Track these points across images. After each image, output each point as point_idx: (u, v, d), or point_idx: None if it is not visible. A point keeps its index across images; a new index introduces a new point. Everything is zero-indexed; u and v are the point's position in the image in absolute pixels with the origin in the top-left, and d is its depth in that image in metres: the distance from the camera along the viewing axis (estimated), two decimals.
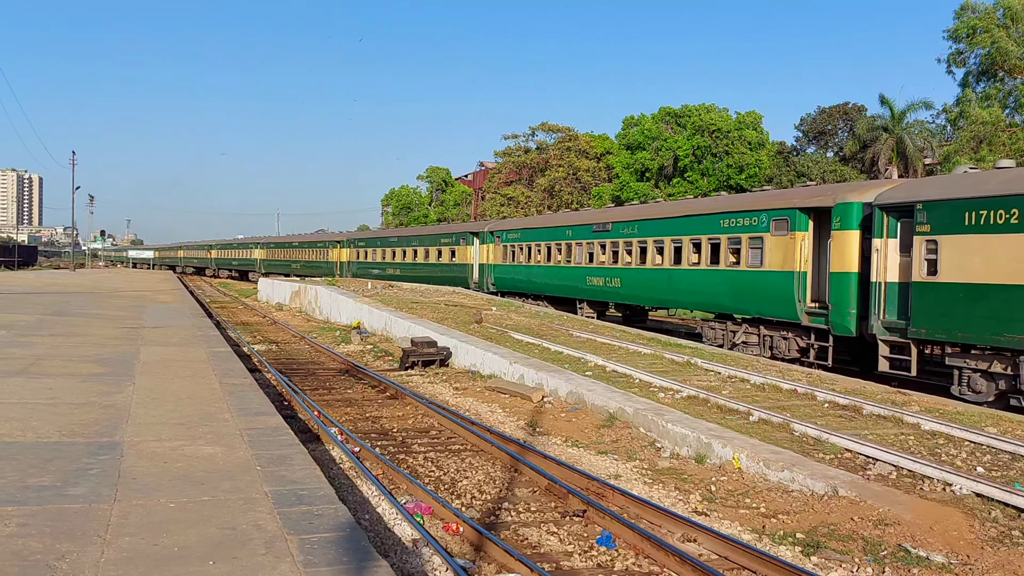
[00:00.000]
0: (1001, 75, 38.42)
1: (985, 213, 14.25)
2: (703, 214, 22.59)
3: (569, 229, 29.94)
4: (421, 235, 45.89)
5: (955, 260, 14.68)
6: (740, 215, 20.80)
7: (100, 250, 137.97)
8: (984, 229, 14.23)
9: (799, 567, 7.16)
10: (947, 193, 15.23)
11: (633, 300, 26.22)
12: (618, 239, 26.28)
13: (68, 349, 15.76)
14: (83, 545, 5.51)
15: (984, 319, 14.12)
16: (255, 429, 9.28)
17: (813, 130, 57.66)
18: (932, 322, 14.97)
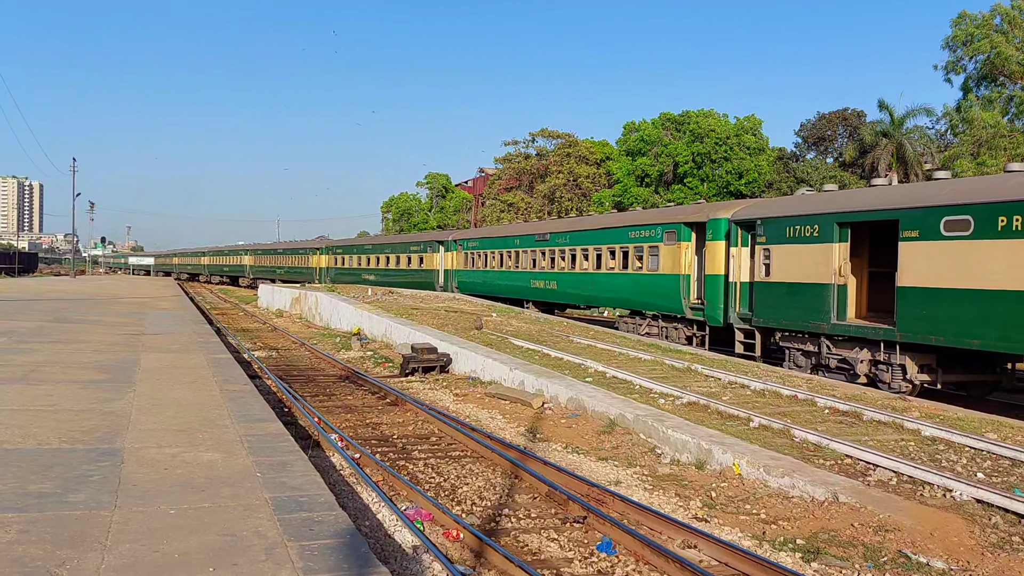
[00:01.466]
0: (1001, 80, 38.50)
1: (799, 228, 18.32)
2: (617, 227, 27.02)
3: (517, 239, 34.13)
4: (393, 243, 49.52)
5: (781, 264, 18.73)
6: (643, 228, 25.11)
7: (100, 257, 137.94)
8: (798, 240, 18.30)
9: (799, 573, 7.16)
10: (776, 212, 19.40)
11: (567, 299, 30.49)
12: (555, 247, 30.54)
13: (68, 356, 15.77)
14: (83, 552, 5.51)
15: (799, 310, 18.17)
16: (255, 435, 9.29)
17: (813, 136, 57.73)
18: (768, 313, 19.17)
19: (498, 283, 35.43)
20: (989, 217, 14.01)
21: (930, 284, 15.14)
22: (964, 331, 14.54)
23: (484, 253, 37.32)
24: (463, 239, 40.24)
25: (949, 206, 14.95)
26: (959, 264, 14.59)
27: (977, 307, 14.24)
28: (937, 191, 15.75)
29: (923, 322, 15.20)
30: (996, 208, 13.91)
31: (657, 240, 24.08)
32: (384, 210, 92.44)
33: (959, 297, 14.59)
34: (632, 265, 25.35)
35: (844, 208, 17.63)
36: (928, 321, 15.09)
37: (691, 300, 22.47)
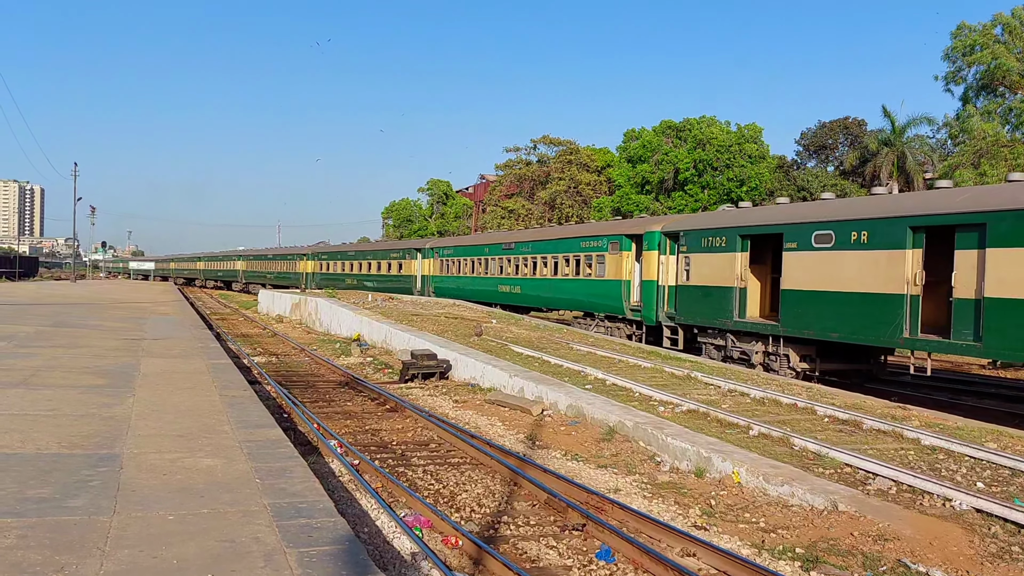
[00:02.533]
0: (1002, 91, 38.56)
1: (711, 239, 21.43)
2: (571, 237, 29.96)
3: (487, 247, 36.95)
4: (375, 250, 52.31)
5: (698, 270, 21.88)
6: (592, 239, 27.93)
7: (101, 261, 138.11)
8: (711, 250, 21.40)
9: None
10: (695, 225, 23.00)
11: (529, 303, 32.91)
12: (519, 255, 33.38)
13: (68, 360, 15.77)
14: (82, 557, 5.51)
15: (711, 309, 21.22)
16: (255, 441, 9.28)
17: (814, 144, 57.85)
18: (687, 312, 22.33)
19: (469, 288, 37.96)
20: (845, 232, 17.18)
21: (804, 287, 18.22)
22: (828, 326, 17.61)
23: (457, 260, 39.93)
24: (438, 247, 42.83)
25: (818, 222, 18.09)
26: (824, 271, 17.66)
27: (835, 306, 17.36)
28: (809, 210, 19.39)
29: (800, 319, 18.27)
30: (850, 224, 17.16)
31: (603, 250, 26.97)
32: (385, 216, 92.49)
33: (824, 298, 17.70)
34: (583, 272, 28.17)
35: (745, 223, 20.82)
36: (803, 318, 18.16)
37: (632, 303, 25.31)
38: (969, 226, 14.82)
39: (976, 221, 14.68)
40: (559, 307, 32.07)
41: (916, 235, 15.90)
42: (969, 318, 14.66)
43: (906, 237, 15.94)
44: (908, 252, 15.91)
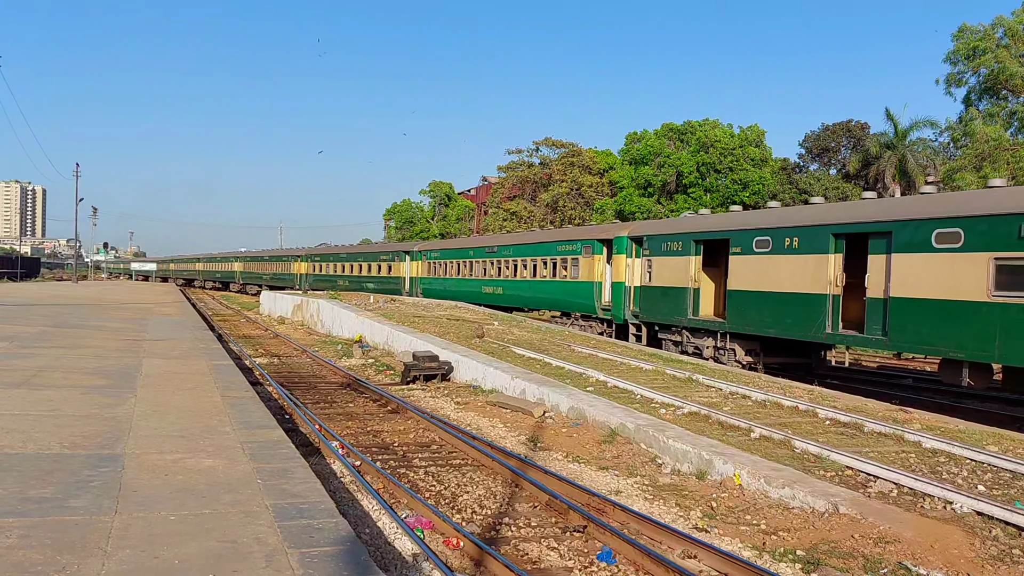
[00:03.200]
0: (1004, 94, 38.55)
1: (670, 244, 23.48)
2: (548, 241, 32.04)
3: (471, 251, 39.11)
4: (366, 252, 54.60)
5: (658, 272, 23.94)
6: (567, 243, 29.99)
7: (103, 262, 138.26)
8: (670, 253, 23.43)
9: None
10: (656, 230, 24.89)
11: (511, 303, 34.43)
12: (501, 259, 35.43)
13: (70, 361, 15.79)
14: (84, 557, 5.52)
15: (669, 308, 23.27)
16: (256, 442, 9.30)
17: (817, 147, 57.82)
18: (649, 310, 24.37)
19: (455, 289, 39.85)
20: (780, 238, 19.21)
21: (747, 288, 20.17)
22: (766, 324, 19.56)
23: (444, 263, 42.02)
24: (426, 250, 44.96)
25: (758, 229, 20.12)
26: (763, 273, 19.61)
27: (772, 305, 19.30)
28: (752, 218, 21.52)
29: (743, 317, 20.26)
30: (783, 231, 19.22)
31: (577, 253, 28.96)
32: (387, 217, 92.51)
33: (763, 298, 19.63)
34: (560, 274, 30.23)
35: (699, 229, 22.85)
36: (746, 316, 20.14)
37: (603, 303, 27.34)
38: (879, 234, 16.69)
39: (884, 229, 16.53)
40: (538, 307, 33.44)
41: (837, 241, 17.84)
42: (879, 316, 16.56)
43: (829, 243, 17.90)
44: (831, 256, 17.87)
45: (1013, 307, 13.94)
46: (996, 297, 14.25)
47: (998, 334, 14.19)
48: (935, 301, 15.37)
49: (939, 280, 15.33)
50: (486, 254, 36.93)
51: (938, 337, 15.36)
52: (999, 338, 14.17)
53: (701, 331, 22.03)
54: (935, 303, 15.37)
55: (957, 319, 14.94)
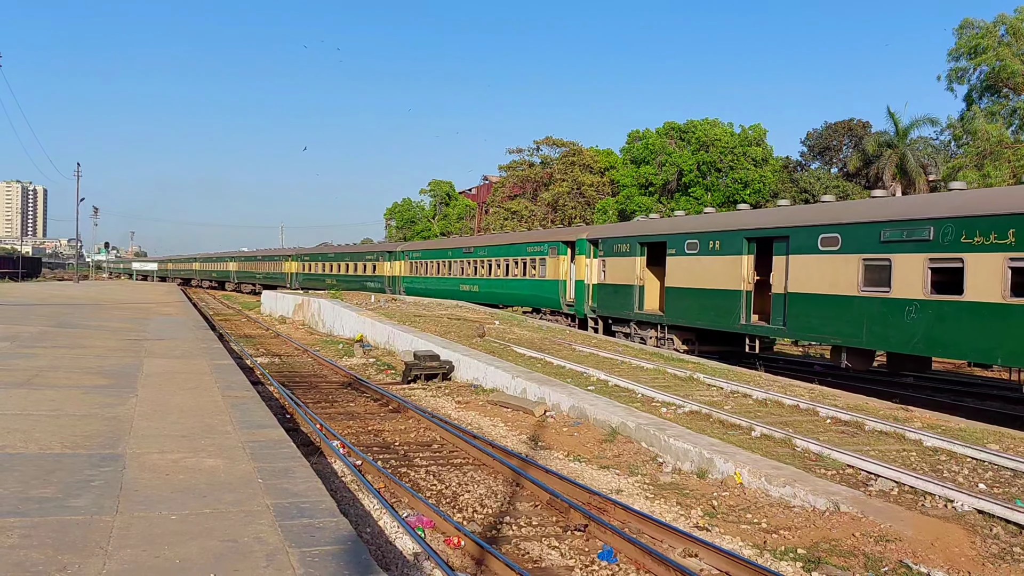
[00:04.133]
0: (1005, 92, 38.48)
1: (620, 246, 26.33)
2: (519, 243, 34.67)
3: (450, 251, 41.76)
4: (352, 252, 57.17)
5: (611, 271, 26.70)
6: (536, 244, 32.73)
7: (104, 262, 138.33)
8: (620, 254, 26.25)
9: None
10: (609, 234, 27.91)
11: (486, 300, 36.50)
12: (477, 259, 37.97)
13: (71, 361, 15.81)
14: (85, 557, 5.53)
15: (619, 303, 26.10)
16: (257, 442, 9.30)
17: (819, 145, 57.81)
18: (604, 306, 27.17)
19: (435, 287, 42.25)
20: (705, 241, 22.02)
21: (681, 285, 22.83)
22: (696, 316, 22.29)
23: (425, 262, 44.49)
24: (408, 250, 47.73)
25: (688, 233, 22.87)
26: (693, 271, 22.31)
27: (700, 300, 21.98)
28: (685, 223, 24.40)
29: (679, 311, 22.98)
30: (708, 235, 21.96)
31: (545, 254, 31.55)
32: (387, 217, 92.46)
33: (693, 294, 22.28)
34: (529, 273, 32.87)
35: (642, 232, 25.83)
36: (681, 310, 22.89)
37: (567, 299, 29.95)
38: (780, 237, 19.34)
39: (783, 234, 19.24)
40: (511, 303, 35.57)
41: (749, 244, 20.49)
42: (781, 308, 19.21)
43: (743, 246, 20.58)
44: (744, 257, 20.55)
45: (876, 300, 16.56)
46: (863, 292, 16.88)
47: (865, 323, 16.84)
48: (821, 295, 18.06)
49: (823, 277, 17.95)
50: (463, 254, 39.59)
51: (824, 326, 18.11)
52: (866, 326, 16.84)
53: (646, 323, 24.91)
54: (821, 297, 18.06)
55: (837, 311, 17.57)
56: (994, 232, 14.34)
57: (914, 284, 15.77)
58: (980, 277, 14.51)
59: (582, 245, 28.81)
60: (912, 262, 15.85)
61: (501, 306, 36.54)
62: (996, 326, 14.26)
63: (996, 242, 14.32)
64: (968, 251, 14.76)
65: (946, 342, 15.39)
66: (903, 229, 16.23)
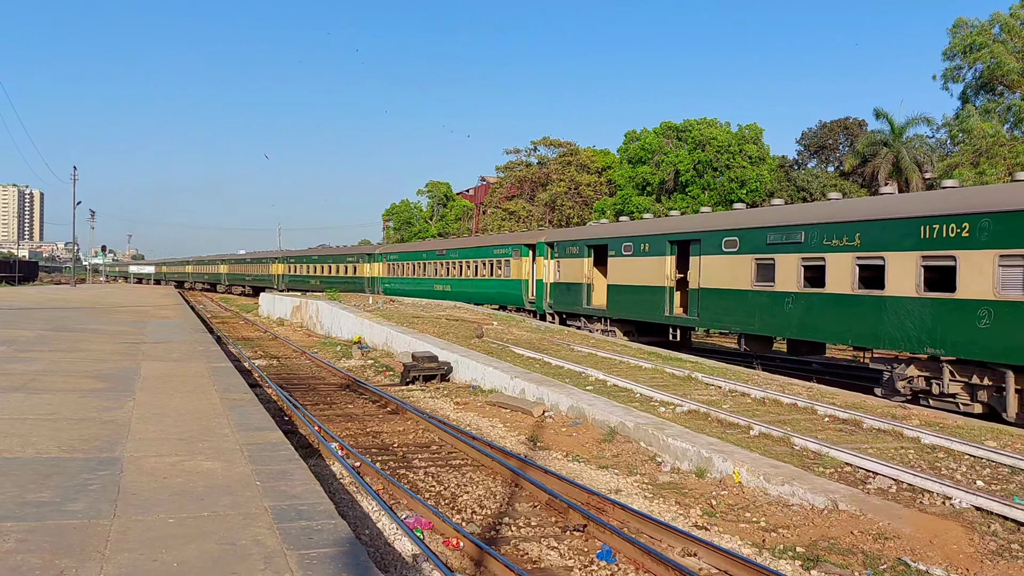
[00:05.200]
0: (1000, 90, 38.51)
1: (571, 248, 29.65)
2: (487, 245, 37.97)
3: (424, 254, 44.94)
4: (334, 255, 59.74)
5: (564, 271, 29.92)
6: (501, 247, 35.74)
7: (101, 265, 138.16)
8: (571, 256, 29.45)
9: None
10: (562, 237, 31.26)
11: (457, 298, 38.84)
12: (449, 260, 40.93)
13: (68, 364, 15.78)
14: (82, 561, 5.52)
15: (571, 299, 29.37)
16: (255, 444, 9.29)
17: (814, 144, 57.84)
18: (560, 302, 30.35)
19: (411, 287, 45.15)
20: (638, 244, 25.35)
21: (620, 283, 26.08)
22: (632, 310, 25.55)
23: (402, 264, 47.66)
24: (386, 252, 51.13)
25: (625, 236, 26.29)
26: (630, 270, 25.59)
27: (635, 295, 25.21)
28: (623, 228, 27.62)
29: (619, 306, 26.22)
30: (640, 238, 25.35)
31: (509, 256, 34.53)
32: (385, 218, 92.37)
33: (630, 290, 25.53)
34: (496, 273, 35.82)
35: (588, 236, 29.35)
36: (621, 305, 26.13)
37: (529, 296, 32.98)
38: (695, 240, 22.58)
39: (696, 237, 22.55)
40: (479, 301, 37.40)
41: (672, 246, 23.84)
42: (695, 302, 22.27)
43: (667, 248, 23.91)
44: (667, 258, 23.88)
45: (764, 293, 19.61)
46: (755, 286, 19.90)
47: (757, 312, 19.89)
48: (725, 290, 21.04)
49: (727, 275, 20.95)
50: (436, 256, 42.79)
51: (727, 316, 21.28)
52: (758, 315, 19.87)
53: (594, 317, 27.79)
54: (725, 291, 21.04)
55: (737, 303, 20.62)
56: (846, 236, 17.31)
57: (791, 279, 18.78)
58: (837, 273, 17.39)
59: (541, 248, 31.80)
60: (789, 261, 18.85)
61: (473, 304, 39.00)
62: (848, 313, 17.17)
63: (847, 244, 17.30)
64: (829, 251, 17.72)
65: (814, 327, 18.38)
66: (783, 233, 19.21)
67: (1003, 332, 13.86)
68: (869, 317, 16.58)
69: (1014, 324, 13.70)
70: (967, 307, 14.51)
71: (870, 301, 16.56)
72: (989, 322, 14.15)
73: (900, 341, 15.83)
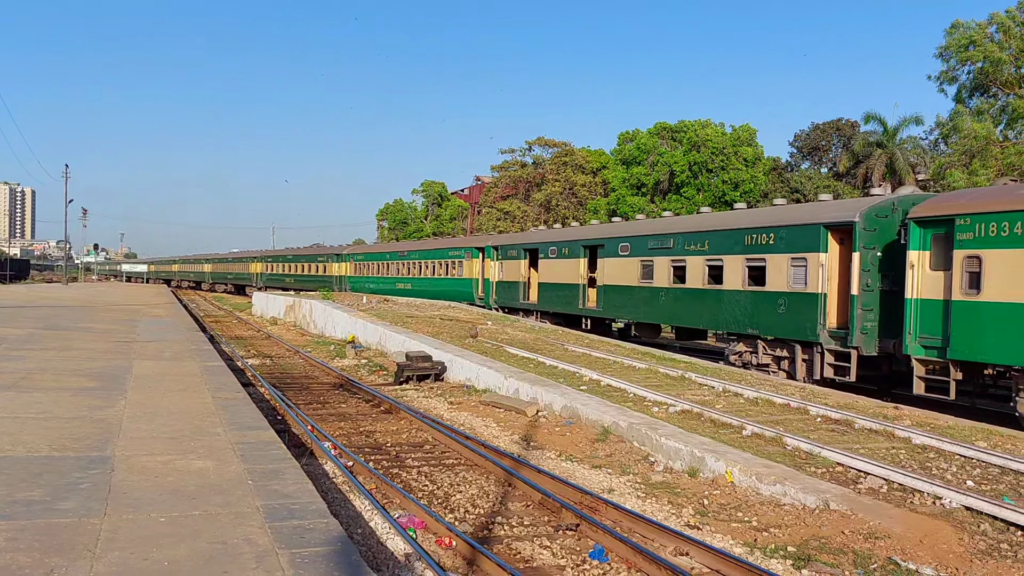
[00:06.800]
0: (994, 90, 38.64)
1: (510, 251, 34.32)
2: (443, 248, 42.78)
3: (388, 254, 49.83)
4: (307, 255, 63.85)
5: (506, 271, 34.66)
6: (456, 249, 40.32)
7: (93, 264, 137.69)
8: (511, 258, 34.31)
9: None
10: (504, 242, 35.88)
11: (417, 295, 42.13)
12: (410, 260, 45.59)
13: (60, 363, 15.73)
14: (72, 560, 5.50)
15: (511, 295, 34.02)
16: (247, 443, 9.27)
17: (807, 146, 57.94)
18: (503, 298, 34.91)
19: (376, 286, 48.94)
20: (560, 248, 30.36)
21: (548, 281, 31.20)
22: (556, 304, 30.51)
23: (367, 263, 52.09)
24: (354, 253, 55.69)
25: (550, 241, 31.41)
26: (554, 270, 30.68)
27: (558, 291, 30.27)
28: (550, 235, 33.01)
29: (546, 300, 31.21)
30: (562, 243, 30.41)
31: (462, 257, 39.03)
32: (379, 218, 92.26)
33: (554, 287, 30.56)
34: (451, 272, 40.29)
35: (524, 241, 34.18)
36: (548, 300, 31.06)
37: (479, 293, 37.02)
38: (600, 245, 27.55)
39: (602, 243, 27.50)
40: (437, 298, 40.32)
41: (585, 250, 28.76)
42: (602, 296, 27.07)
43: (581, 251, 28.87)
44: (581, 260, 28.78)
45: (647, 288, 24.32)
46: (641, 283, 24.68)
47: (642, 304, 24.69)
48: (622, 286, 25.87)
49: (622, 273, 25.80)
50: (399, 257, 47.39)
51: (623, 308, 26.11)
52: (643, 307, 24.70)
53: (529, 311, 32.58)
54: (622, 287, 25.87)
55: (629, 297, 25.40)
56: (699, 243, 22.17)
57: (664, 277, 23.59)
58: (694, 272, 22.23)
59: (489, 251, 36.34)
60: (663, 262, 23.66)
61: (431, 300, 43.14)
62: (701, 303, 21.86)
63: (700, 249, 22.05)
64: (689, 255, 22.51)
65: (680, 315, 23.24)
66: (659, 241, 24.10)
67: (792, 316, 18.49)
68: (714, 306, 21.13)
69: (799, 309, 18.29)
70: (772, 297, 19.13)
71: (714, 294, 21.21)
72: (784, 308, 18.73)
73: (733, 324, 20.48)
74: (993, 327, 13.73)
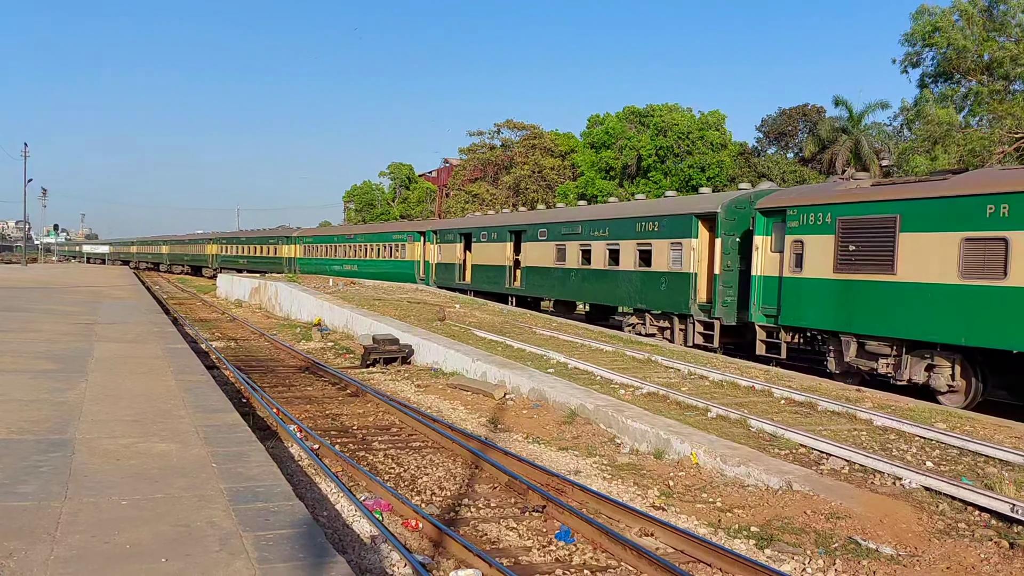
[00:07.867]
0: (957, 77, 39.18)
1: (448, 235, 36.84)
2: (386, 231, 45.40)
3: (335, 237, 52.13)
4: (259, 237, 66.15)
5: (444, 254, 37.32)
6: (399, 233, 42.69)
7: (54, 245, 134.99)
8: (448, 241, 36.81)
9: (752, 560, 7.27)
10: (441, 226, 38.71)
11: (362, 276, 43.58)
12: (356, 243, 47.71)
13: (19, 345, 15.41)
14: (31, 543, 5.41)
15: (449, 276, 36.46)
16: (211, 426, 9.17)
17: (774, 131, 58.44)
18: (441, 278, 37.26)
19: (323, 267, 50.74)
20: (490, 232, 33.01)
21: (478, 263, 33.88)
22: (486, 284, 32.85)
23: (316, 246, 54.12)
24: (303, 236, 57.15)
25: (481, 227, 34.09)
26: (484, 253, 33.38)
27: (487, 272, 32.86)
28: (482, 220, 35.91)
29: (478, 280, 33.73)
30: (491, 228, 33.13)
31: (404, 240, 41.29)
32: (346, 200, 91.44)
33: (484, 268, 33.26)
34: (394, 255, 42.38)
35: (461, 226, 36.51)
36: (479, 279, 33.71)
37: (420, 274, 39.58)
38: (523, 231, 30.21)
39: (524, 228, 30.19)
40: (381, 278, 41.72)
41: (511, 234, 31.22)
42: (524, 276, 29.78)
43: (507, 236, 31.39)
44: (508, 244, 31.31)
45: (560, 269, 27.13)
46: (556, 265, 27.37)
47: (558, 284, 27.50)
48: (541, 267, 28.49)
49: (541, 256, 28.48)
50: (346, 240, 49.44)
51: (542, 287, 28.73)
52: (558, 286, 27.54)
53: (464, 290, 34.34)
54: (540, 268, 28.56)
55: (547, 277, 28.08)
56: (602, 229, 24.98)
57: (575, 259, 26.21)
58: (598, 254, 24.95)
59: (429, 235, 38.71)
60: (574, 246, 26.32)
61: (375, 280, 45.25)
62: (603, 282, 24.70)
63: (602, 235, 24.86)
64: (594, 240, 25.24)
65: (587, 293, 26.21)
66: (570, 227, 26.80)
67: (671, 292, 21.47)
68: (614, 285, 24.02)
69: (677, 287, 21.22)
70: (656, 276, 22.13)
71: (613, 274, 24.03)
72: (665, 286, 21.73)
73: (627, 300, 23.57)
74: (809, 298, 16.58)
